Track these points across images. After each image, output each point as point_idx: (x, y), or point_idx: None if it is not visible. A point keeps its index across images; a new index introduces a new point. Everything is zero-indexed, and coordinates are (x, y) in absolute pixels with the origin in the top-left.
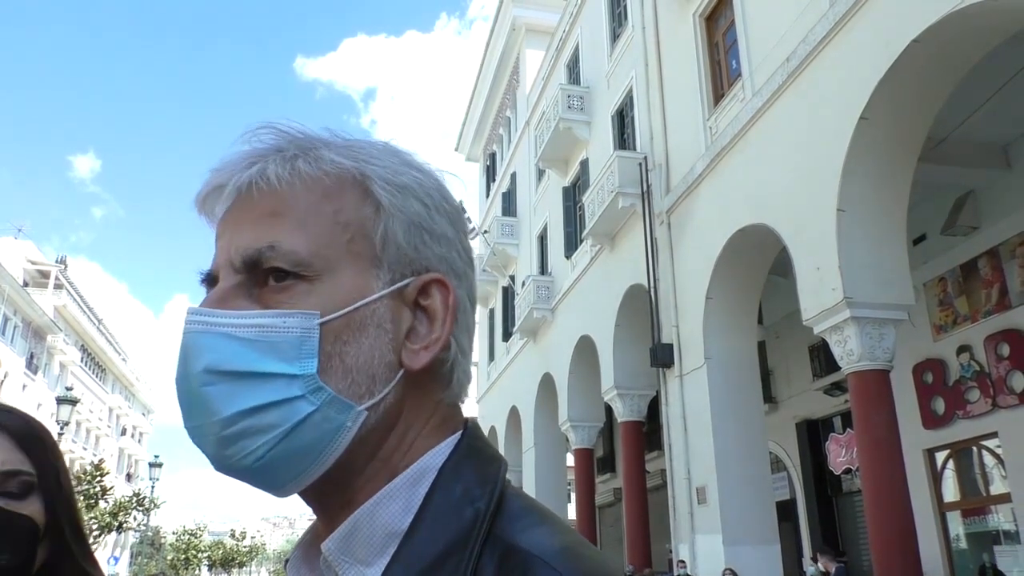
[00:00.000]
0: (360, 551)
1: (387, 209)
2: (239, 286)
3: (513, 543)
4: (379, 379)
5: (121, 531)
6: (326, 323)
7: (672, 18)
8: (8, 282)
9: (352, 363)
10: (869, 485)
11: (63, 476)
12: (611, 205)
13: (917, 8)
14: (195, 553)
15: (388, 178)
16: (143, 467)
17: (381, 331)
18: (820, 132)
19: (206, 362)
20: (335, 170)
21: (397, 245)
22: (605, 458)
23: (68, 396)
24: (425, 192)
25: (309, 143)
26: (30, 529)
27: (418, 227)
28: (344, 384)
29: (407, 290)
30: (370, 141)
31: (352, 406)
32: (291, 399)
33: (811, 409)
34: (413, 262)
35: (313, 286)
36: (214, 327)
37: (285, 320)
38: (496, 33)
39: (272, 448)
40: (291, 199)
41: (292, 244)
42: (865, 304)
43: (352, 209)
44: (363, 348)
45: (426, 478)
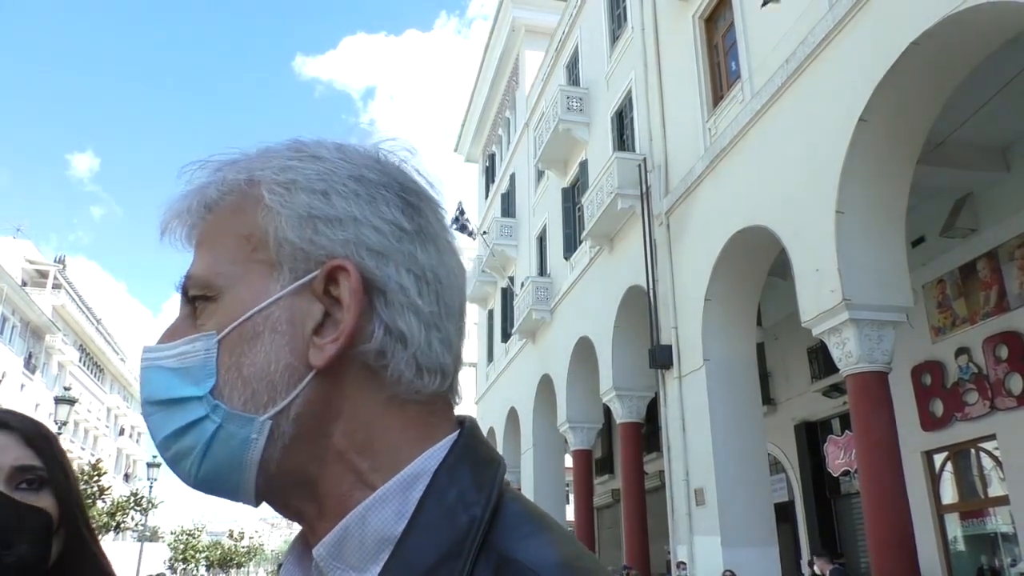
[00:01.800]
0: (352, 557)
1: (274, 210)
2: (187, 316)
3: (509, 554)
4: (280, 385)
5: (119, 531)
6: (223, 339)
7: (671, 20)
8: (6, 282)
9: (249, 373)
10: (867, 487)
11: (69, 472)
12: (610, 206)
13: (916, 10)
14: (193, 553)
15: (273, 178)
16: (141, 467)
17: (276, 335)
18: (819, 134)
19: (145, 395)
20: (232, 187)
21: (289, 242)
22: (604, 459)
23: (66, 396)
24: (318, 179)
25: (219, 167)
26: (45, 522)
27: (309, 218)
28: (244, 396)
29: (314, 284)
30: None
31: (252, 418)
32: (199, 420)
33: (810, 411)
34: (311, 255)
35: (217, 305)
36: (152, 362)
37: (194, 344)
38: (495, 34)
39: (199, 467)
40: (206, 227)
41: (197, 269)
42: (864, 306)
43: (250, 220)
44: (258, 357)
45: (420, 482)
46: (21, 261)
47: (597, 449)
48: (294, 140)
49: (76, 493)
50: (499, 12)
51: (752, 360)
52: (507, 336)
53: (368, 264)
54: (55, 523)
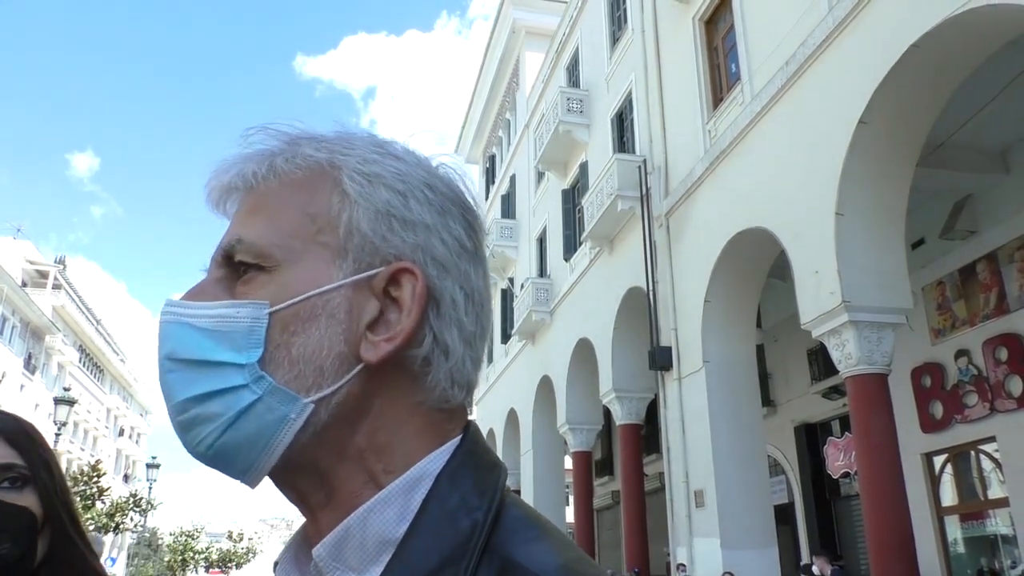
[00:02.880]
0: (352, 558)
1: (352, 197)
2: (220, 279)
3: (511, 558)
4: (328, 372)
5: (118, 532)
6: (275, 312)
7: (671, 22)
8: (7, 282)
9: (299, 353)
10: (867, 489)
11: (55, 470)
12: (610, 208)
13: (916, 13)
14: (192, 555)
15: (358, 167)
16: (140, 468)
17: (333, 321)
18: (819, 136)
19: (167, 350)
20: (308, 163)
21: (362, 234)
22: (603, 461)
23: (66, 396)
24: (399, 179)
25: (293, 140)
26: (28, 520)
27: (386, 215)
28: (290, 375)
29: (375, 280)
30: (353, 132)
31: (296, 398)
32: (235, 388)
33: (809, 413)
34: (380, 251)
35: (272, 276)
36: (180, 317)
37: (238, 310)
38: (496, 35)
39: (220, 436)
40: (267, 195)
41: (254, 236)
42: (863, 308)
43: (321, 200)
44: (311, 339)
45: (422, 485)
46: (21, 261)
47: (597, 451)
48: (371, 133)
49: (62, 491)
50: (499, 14)
51: (752, 362)
52: (507, 337)
53: (431, 273)
54: (39, 521)
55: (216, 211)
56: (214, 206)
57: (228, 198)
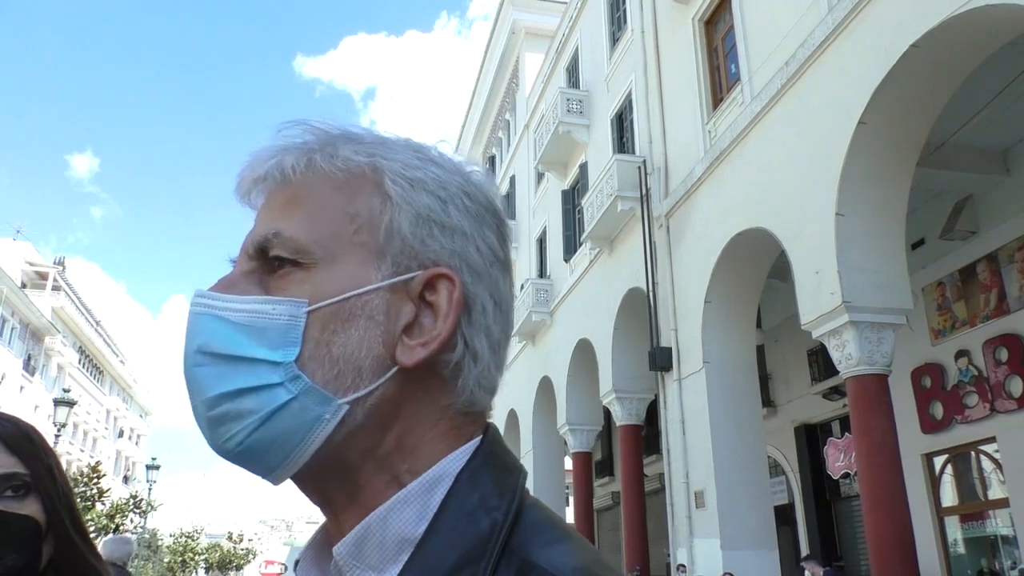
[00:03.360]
0: (372, 557)
1: (394, 201)
2: (251, 272)
3: (530, 559)
4: (366, 373)
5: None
6: (314, 311)
7: (671, 22)
8: (6, 283)
9: (338, 353)
10: (867, 490)
11: (58, 474)
12: (610, 208)
13: (916, 13)
14: (192, 556)
15: (400, 171)
16: (140, 469)
17: (372, 323)
18: (819, 136)
19: (199, 343)
20: (349, 164)
21: (402, 237)
22: (603, 462)
23: (65, 398)
24: (440, 186)
25: (330, 139)
26: (32, 528)
27: (427, 220)
28: (329, 375)
29: (412, 284)
30: (391, 137)
31: (331, 398)
32: (270, 385)
33: (809, 413)
34: (419, 255)
35: (309, 274)
36: (212, 309)
37: (275, 307)
38: (496, 36)
39: (251, 434)
40: (305, 190)
41: (294, 232)
42: (864, 308)
43: (362, 202)
44: (351, 339)
45: (442, 484)
46: (21, 263)
47: (597, 451)
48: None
49: (66, 495)
50: (499, 14)
51: (752, 362)
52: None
53: (466, 279)
54: (43, 528)
55: (243, 200)
56: (243, 195)
57: (255, 188)
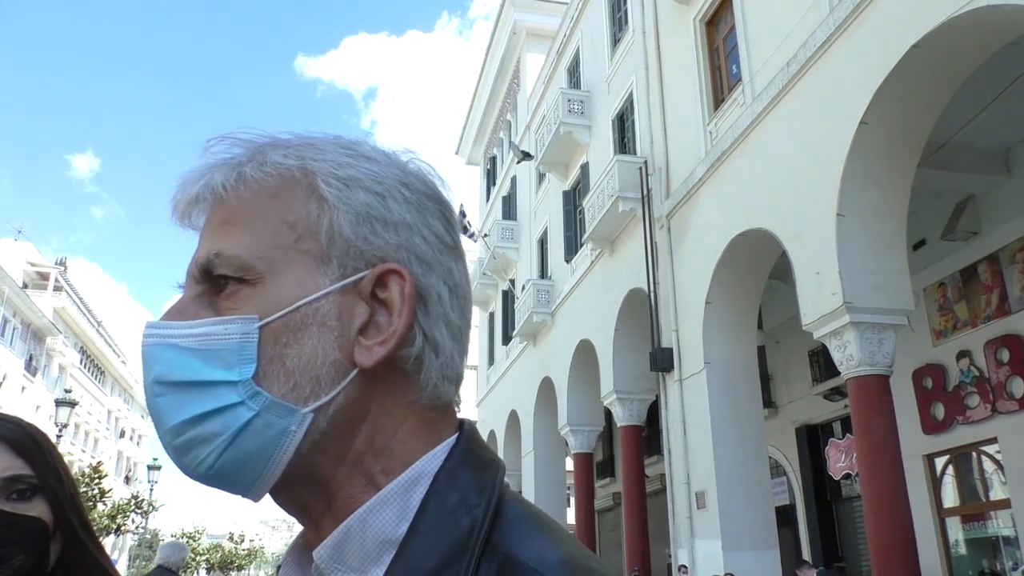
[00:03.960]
0: (353, 559)
1: (331, 203)
2: (199, 296)
3: (512, 554)
4: (324, 380)
5: (119, 534)
6: (265, 326)
7: (672, 23)
8: (8, 284)
9: (294, 365)
10: (869, 490)
11: (64, 475)
12: (611, 209)
13: (917, 13)
14: (193, 556)
15: (332, 172)
16: (142, 470)
17: (325, 329)
18: (820, 137)
19: (155, 374)
20: (279, 171)
21: (344, 239)
22: (604, 462)
23: (67, 398)
24: (375, 181)
25: (258, 148)
26: (40, 530)
27: (367, 217)
28: (287, 387)
29: (361, 284)
30: (321, 136)
31: (294, 409)
32: (231, 406)
33: (811, 414)
34: (365, 254)
35: (256, 289)
36: (164, 339)
37: (226, 327)
38: (497, 37)
39: (220, 456)
40: (240, 205)
41: (235, 249)
42: (865, 309)
43: (298, 208)
44: (305, 349)
45: (420, 484)
46: (22, 263)
47: (598, 452)
48: (337, 136)
49: (72, 496)
50: (500, 15)
51: (753, 363)
52: (508, 339)
53: (416, 271)
54: (51, 529)
55: (183, 224)
56: (180, 219)
57: (194, 209)
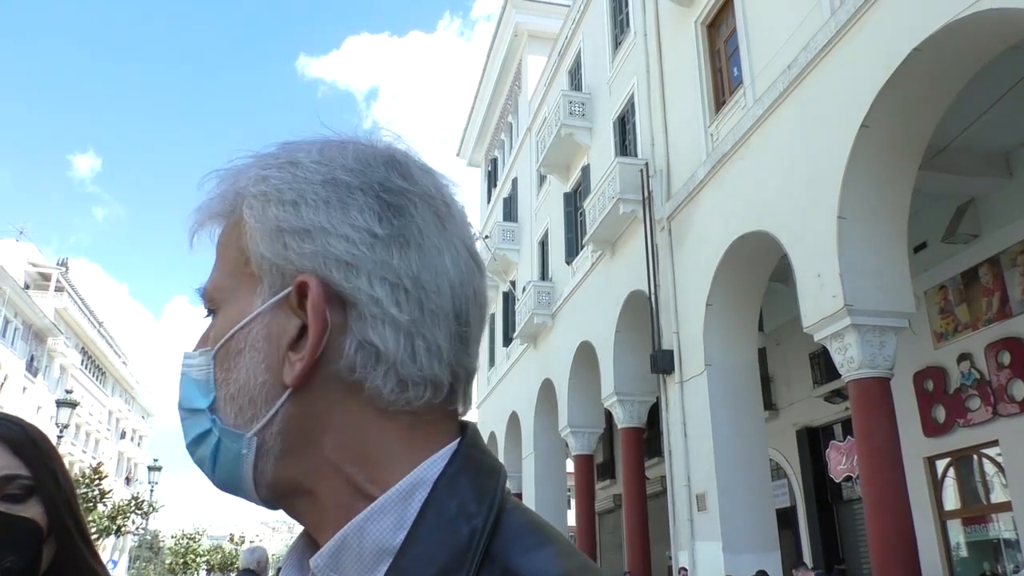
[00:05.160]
0: (349, 567)
1: (248, 224)
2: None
3: (511, 567)
4: (259, 402)
5: (120, 535)
6: (216, 355)
7: (674, 25)
8: (9, 284)
9: (234, 389)
10: (869, 493)
11: (62, 477)
12: (612, 211)
13: (919, 17)
14: (194, 557)
15: (250, 191)
16: (142, 471)
17: (254, 351)
18: (821, 139)
19: (177, 400)
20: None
21: (264, 258)
22: (605, 464)
23: (68, 399)
24: (288, 188)
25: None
26: (32, 531)
27: (278, 232)
28: (233, 412)
29: (289, 299)
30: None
31: (240, 435)
32: (206, 432)
33: (811, 416)
34: (283, 269)
35: (216, 319)
36: (182, 368)
37: (200, 358)
38: (498, 39)
39: (213, 473)
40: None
41: (207, 283)
42: (866, 311)
43: (240, 233)
44: (240, 374)
45: (419, 492)
46: (24, 264)
47: (598, 454)
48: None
49: (69, 500)
50: (502, 17)
51: (754, 365)
52: (508, 340)
53: (335, 277)
54: (44, 531)
55: None
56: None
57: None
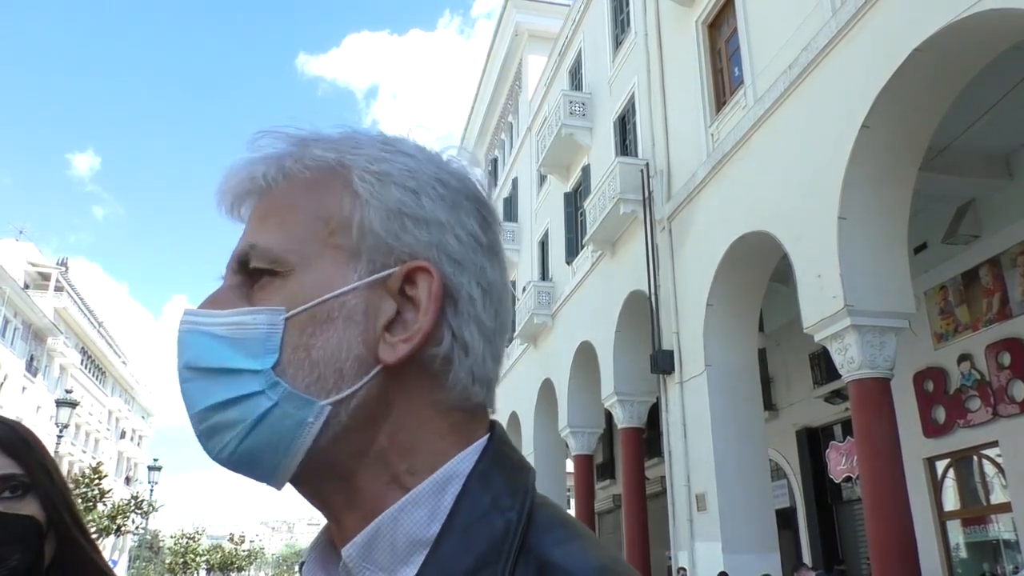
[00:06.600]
0: (382, 558)
1: (363, 198)
2: (236, 287)
3: (548, 558)
4: (347, 374)
5: (119, 534)
6: (292, 317)
7: (675, 25)
8: (9, 284)
9: (318, 356)
10: (869, 493)
11: (54, 473)
12: (612, 211)
13: (919, 17)
14: (193, 557)
15: (367, 167)
16: (142, 470)
17: (351, 323)
18: (822, 140)
19: (186, 359)
20: (318, 164)
21: (374, 234)
22: (605, 464)
23: (67, 399)
24: (410, 176)
25: (301, 142)
26: (33, 528)
27: (398, 214)
28: (310, 378)
29: (390, 280)
30: (360, 132)
31: (312, 401)
32: (252, 395)
33: (811, 417)
34: (395, 250)
35: (286, 282)
36: (198, 326)
37: (254, 317)
38: (499, 38)
39: (240, 443)
40: (278, 198)
41: (268, 242)
42: (866, 312)
43: (333, 202)
44: (330, 342)
45: (452, 485)
46: (23, 263)
47: (598, 454)
48: (380, 132)
49: (63, 494)
50: (502, 17)
51: (754, 366)
52: (509, 340)
53: (447, 270)
54: (44, 528)
55: (231, 216)
56: (227, 211)
57: (242, 203)
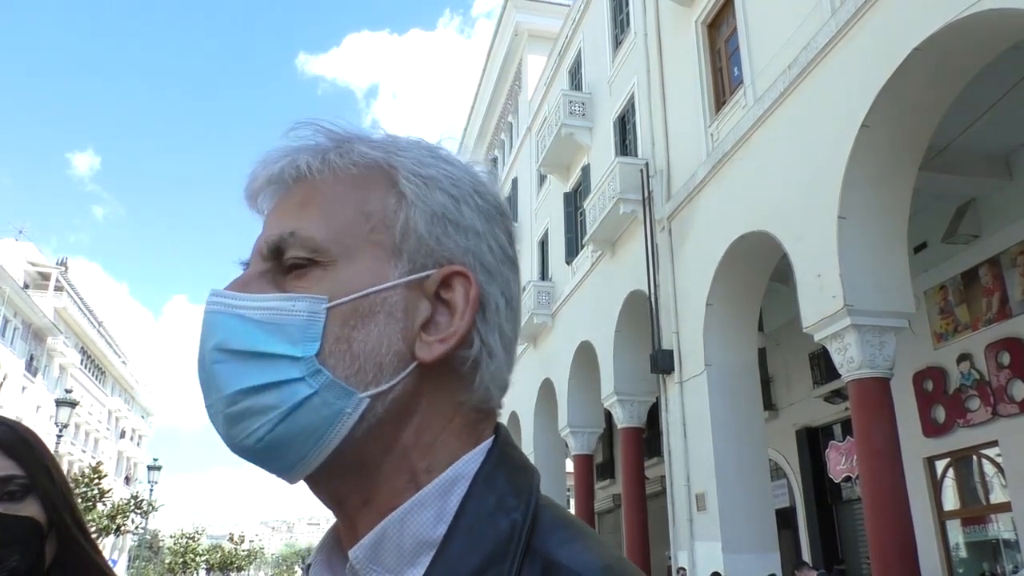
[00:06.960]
0: (389, 559)
1: (409, 199)
2: (265, 272)
3: (554, 558)
4: (386, 368)
5: (119, 534)
6: (334, 307)
7: (674, 25)
8: (8, 284)
9: (359, 349)
10: (869, 493)
11: (55, 473)
12: (612, 211)
13: (919, 16)
14: (193, 557)
15: (414, 169)
16: (142, 470)
17: (391, 319)
18: (821, 139)
19: (217, 340)
20: (364, 161)
21: (418, 235)
22: (604, 464)
23: (67, 398)
24: (453, 184)
25: (344, 137)
26: (34, 529)
27: (442, 218)
28: (350, 370)
29: (427, 281)
30: (404, 136)
31: (352, 392)
32: (290, 381)
33: (811, 416)
34: (435, 253)
35: (327, 272)
36: (230, 308)
37: (294, 303)
38: (498, 38)
39: (272, 429)
40: (319, 189)
41: (310, 231)
42: (865, 312)
43: (377, 199)
44: (371, 335)
45: (459, 486)
46: (23, 263)
47: (598, 454)
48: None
49: (64, 495)
50: (502, 17)
51: (753, 365)
52: None
53: (480, 278)
54: (44, 528)
55: (250, 204)
56: (251, 197)
57: (265, 191)
